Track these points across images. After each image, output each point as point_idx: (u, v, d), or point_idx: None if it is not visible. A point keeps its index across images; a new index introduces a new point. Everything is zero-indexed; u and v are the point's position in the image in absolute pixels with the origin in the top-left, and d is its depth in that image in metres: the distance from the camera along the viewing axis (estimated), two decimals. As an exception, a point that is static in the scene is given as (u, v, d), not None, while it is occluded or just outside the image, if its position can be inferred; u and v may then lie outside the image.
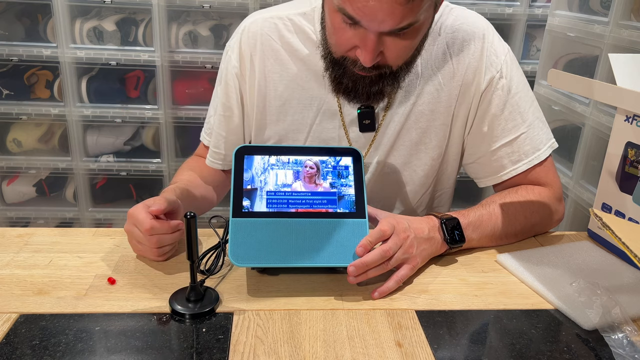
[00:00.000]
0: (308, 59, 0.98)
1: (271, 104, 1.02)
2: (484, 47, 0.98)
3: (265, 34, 1.00)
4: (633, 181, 0.93)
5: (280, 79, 1.00)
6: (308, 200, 0.83)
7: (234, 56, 1.02)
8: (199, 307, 0.74)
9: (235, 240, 0.78)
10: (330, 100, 1.00)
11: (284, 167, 0.84)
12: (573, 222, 1.74)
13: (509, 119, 0.98)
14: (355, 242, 0.79)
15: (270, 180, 0.83)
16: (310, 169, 0.85)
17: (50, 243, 0.91)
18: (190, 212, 0.69)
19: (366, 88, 0.90)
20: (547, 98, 1.91)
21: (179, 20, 2.00)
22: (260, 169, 0.84)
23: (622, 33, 1.51)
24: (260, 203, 0.82)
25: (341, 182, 0.84)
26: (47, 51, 1.92)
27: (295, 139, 1.03)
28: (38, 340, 0.68)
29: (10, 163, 2.07)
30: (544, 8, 2.01)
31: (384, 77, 0.89)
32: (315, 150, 0.87)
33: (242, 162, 0.84)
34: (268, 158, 0.85)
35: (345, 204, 0.83)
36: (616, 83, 0.92)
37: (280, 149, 0.86)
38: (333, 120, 1.01)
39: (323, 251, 0.79)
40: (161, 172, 2.11)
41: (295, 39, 0.99)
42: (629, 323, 0.72)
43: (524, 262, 0.89)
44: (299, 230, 0.80)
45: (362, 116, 0.99)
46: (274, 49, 1.00)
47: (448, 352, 0.69)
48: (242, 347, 0.68)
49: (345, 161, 0.86)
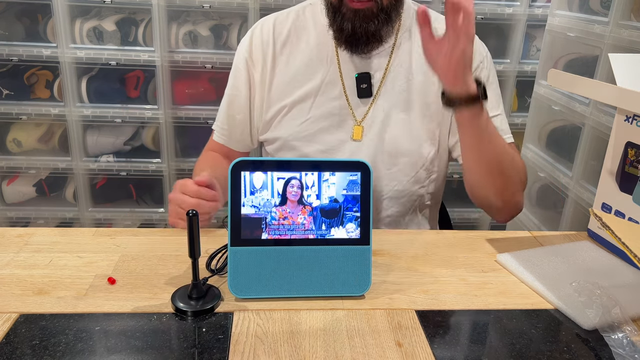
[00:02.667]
0: (313, 39, 1.10)
1: (279, 81, 1.11)
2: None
3: (277, 24, 1.12)
4: (633, 181, 0.93)
5: (288, 60, 1.11)
6: (310, 225, 0.77)
7: (245, 43, 1.13)
8: (200, 305, 0.74)
9: (234, 271, 0.76)
10: (333, 72, 1.09)
11: (281, 187, 0.76)
12: (573, 222, 1.74)
13: (492, 98, 1.07)
14: (358, 271, 0.77)
15: (269, 202, 0.76)
16: (297, 189, 0.76)
17: (50, 243, 0.91)
18: (193, 211, 0.69)
19: (363, 26, 1.00)
20: (547, 98, 1.91)
21: (179, 20, 2.00)
22: (257, 189, 0.76)
23: (622, 33, 1.51)
24: (259, 229, 0.76)
25: (346, 204, 0.77)
26: (47, 51, 1.92)
27: (301, 108, 1.10)
28: (38, 340, 0.68)
29: (10, 163, 2.07)
30: (544, 8, 2.01)
31: (376, 14, 1.00)
32: (318, 164, 0.77)
33: (239, 180, 0.75)
34: (265, 176, 0.76)
35: (349, 227, 0.77)
36: (616, 83, 0.92)
37: (280, 164, 0.76)
38: (334, 89, 1.09)
39: (325, 282, 0.77)
40: (161, 172, 2.11)
41: (303, 24, 1.11)
42: (629, 323, 0.72)
43: (524, 262, 0.89)
44: (300, 259, 0.77)
45: (359, 81, 1.08)
46: (282, 35, 1.11)
47: (448, 352, 0.69)
48: (242, 347, 0.68)
49: (351, 177, 0.77)
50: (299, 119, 1.10)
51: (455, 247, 0.96)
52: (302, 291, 0.77)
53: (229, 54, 1.96)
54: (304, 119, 1.10)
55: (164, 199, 2.16)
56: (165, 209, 2.17)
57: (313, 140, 1.10)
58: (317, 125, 1.10)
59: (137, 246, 0.91)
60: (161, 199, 2.17)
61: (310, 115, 1.10)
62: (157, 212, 2.18)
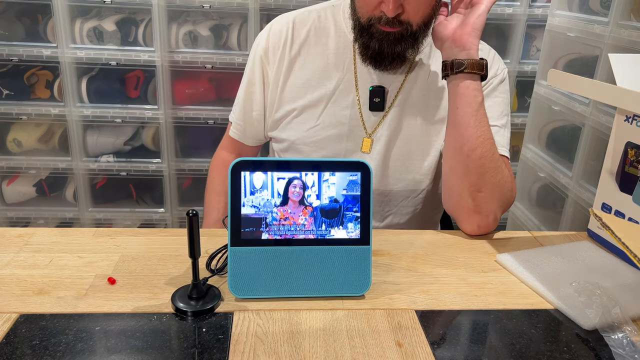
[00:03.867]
0: (332, 44, 1.10)
1: (293, 83, 1.11)
2: (492, 52, 1.14)
3: (297, 24, 1.11)
4: (633, 181, 0.93)
5: (304, 62, 1.10)
6: (310, 225, 0.77)
7: (262, 40, 1.12)
8: (200, 305, 0.74)
9: (234, 271, 0.76)
10: (348, 80, 1.09)
11: (282, 187, 0.76)
12: (573, 222, 1.74)
13: (495, 109, 1.08)
14: (359, 271, 0.77)
15: (269, 202, 0.76)
16: (299, 189, 0.76)
17: (51, 243, 0.91)
18: (193, 210, 0.69)
19: (391, 47, 1.00)
20: (547, 98, 1.91)
21: (179, 20, 2.00)
22: (258, 189, 0.75)
23: (622, 33, 1.51)
24: (260, 229, 0.76)
25: (346, 204, 0.76)
26: (47, 51, 1.92)
27: (312, 113, 1.10)
28: (38, 340, 0.68)
29: (10, 163, 2.07)
30: (544, 8, 2.01)
31: (405, 38, 1.00)
32: (318, 164, 0.77)
33: (239, 180, 0.75)
34: (265, 176, 0.75)
35: (349, 227, 0.77)
36: (616, 83, 0.92)
37: (280, 164, 0.76)
38: (347, 98, 1.09)
39: (325, 282, 0.77)
40: (161, 172, 2.11)
41: (323, 26, 1.10)
42: (629, 323, 0.72)
43: (524, 262, 0.89)
44: (300, 259, 0.77)
45: (373, 94, 1.08)
46: (301, 35, 1.10)
47: (448, 352, 0.69)
48: (242, 347, 0.68)
49: (351, 177, 0.76)
50: (308, 123, 1.10)
51: (455, 247, 0.96)
52: (302, 291, 0.77)
53: (229, 54, 1.96)
54: (313, 124, 1.09)
55: (164, 199, 2.16)
56: (165, 209, 2.17)
57: (320, 147, 1.10)
58: (326, 132, 1.09)
59: (137, 246, 0.91)
60: (161, 199, 2.17)
61: (320, 121, 1.09)
62: (157, 212, 2.18)
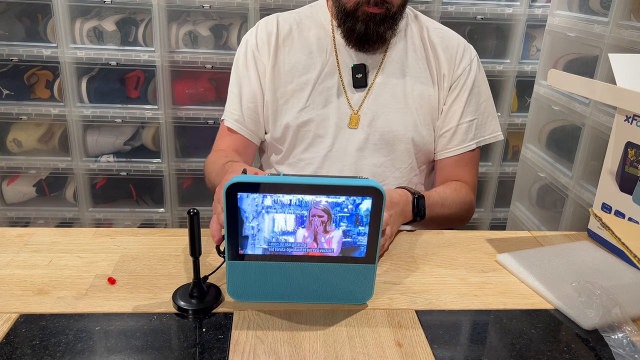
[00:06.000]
0: (313, 34, 1.19)
1: (281, 70, 1.18)
2: (462, 45, 1.21)
3: (281, 20, 1.21)
4: (633, 181, 0.93)
5: (290, 51, 1.19)
6: (313, 244, 0.72)
7: (252, 37, 1.21)
8: (201, 303, 0.74)
9: (233, 280, 0.74)
10: (331, 63, 1.17)
11: (284, 211, 0.69)
12: (573, 222, 1.74)
13: (470, 102, 1.18)
14: (361, 285, 0.75)
15: (267, 227, 0.70)
16: (319, 218, 0.69)
17: (50, 243, 0.91)
18: (193, 209, 0.69)
19: (375, 28, 1.09)
20: (547, 98, 1.91)
21: (179, 20, 2.00)
22: (255, 213, 0.69)
23: (622, 33, 1.51)
24: (259, 249, 0.72)
25: (358, 231, 0.70)
26: (47, 51, 1.92)
27: (301, 96, 1.17)
28: (38, 340, 0.68)
29: (10, 163, 2.07)
30: (544, 8, 2.01)
31: (386, 19, 1.09)
32: (327, 188, 0.68)
33: (235, 201, 0.68)
34: (263, 199, 0.68)
35: (356, 252, 0.72)
36: (616, 83, 0.92)
37: (282, 187, 0.67)
38: (332, 79, 1.17)
39: (325, 293, 0.76)
40: (161, 172, 2.11)
41: (304, 22, 1.21)
42: (629, 323, 0.72)
43: (524, 262, 0.89)
44: (301, 273, 0.74)
45: (355, 70, 1.16)
46: (285, 29, 1.20)
47: (448, 352, 0.69)
48: (242, 347, 0.68)
49: (365, 204, 0.69)
50: (298, 105, 1.17)
51: (455, 247, 0.96)
52: (301, 299, 0.77)
53: (229, 54, 1.96)
54: (304, 105, 1.17)
55: (164, 199, 2.16)
56: (165, 208, 2.17)
57: (311, 126, 1.18)
58: (315, 111, 1.17)
59: (137, 246, 0.91)
60: (161, 199, 2.17)
61: (309, 102, 1.17)
62: (157, 212, 2.18)
